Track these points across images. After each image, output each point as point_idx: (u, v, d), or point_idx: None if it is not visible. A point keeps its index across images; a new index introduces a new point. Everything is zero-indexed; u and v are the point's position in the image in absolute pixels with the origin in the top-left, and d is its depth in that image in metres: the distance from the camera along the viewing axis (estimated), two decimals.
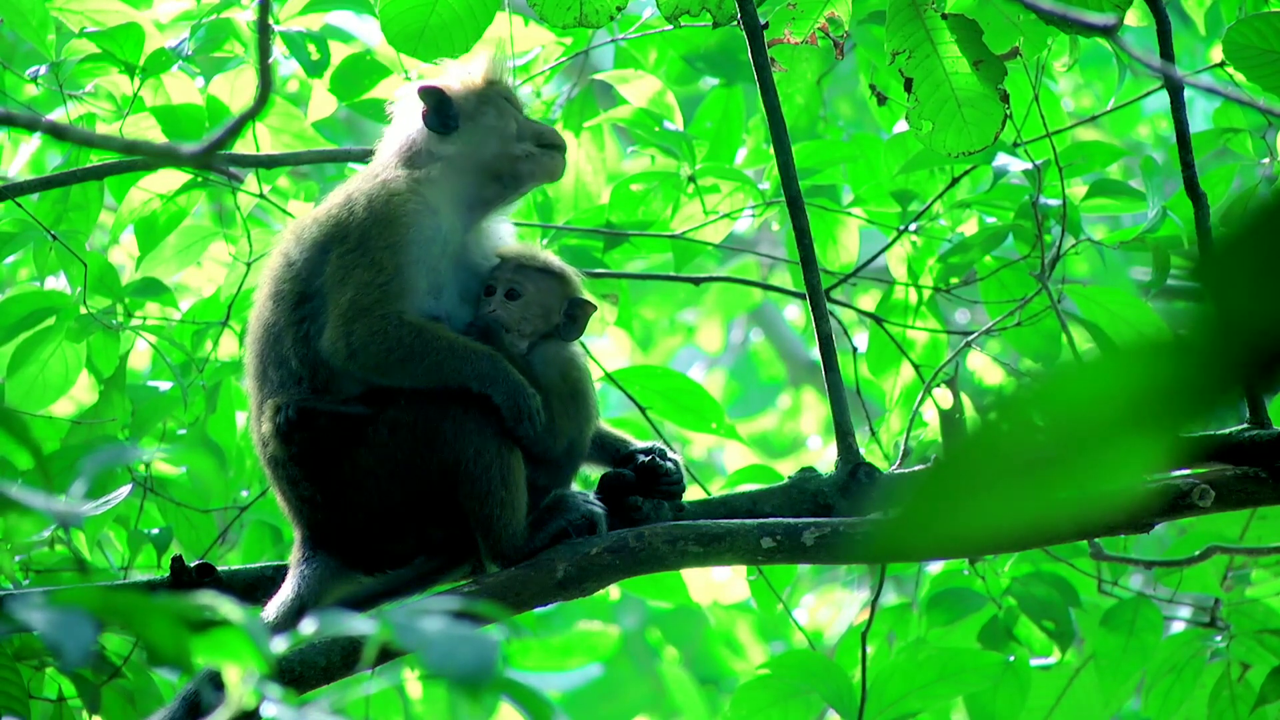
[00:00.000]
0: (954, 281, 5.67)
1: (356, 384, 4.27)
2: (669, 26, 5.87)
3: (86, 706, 4.44)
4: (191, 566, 4.22)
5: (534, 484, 4.27)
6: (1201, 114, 8.64)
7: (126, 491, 4.30)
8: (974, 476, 1.83)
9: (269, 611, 4.17)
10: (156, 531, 5.34)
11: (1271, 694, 4.79)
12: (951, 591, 5.47)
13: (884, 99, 5.16)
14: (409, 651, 2.50)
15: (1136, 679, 5.45)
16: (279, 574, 4.25)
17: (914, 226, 5.77)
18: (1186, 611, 5.63)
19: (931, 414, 5.43)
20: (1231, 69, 5.18)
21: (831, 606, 10.01)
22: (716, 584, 8.58)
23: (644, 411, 5.61)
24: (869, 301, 6.22)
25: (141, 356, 7.13)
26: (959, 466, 1.85)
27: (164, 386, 5.56)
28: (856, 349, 5.79)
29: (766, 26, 4.73)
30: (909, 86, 4.64)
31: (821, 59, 5.83)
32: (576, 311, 4.46)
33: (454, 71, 4.59)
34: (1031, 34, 4.64)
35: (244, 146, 5.44)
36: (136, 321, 5.44)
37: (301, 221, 4.44)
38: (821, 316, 4.46)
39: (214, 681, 3.85)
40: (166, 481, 5.49)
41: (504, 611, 4.11)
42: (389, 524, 4.23)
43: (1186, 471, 4.18)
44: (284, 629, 4.10)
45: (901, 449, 5.12)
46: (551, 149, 4.55)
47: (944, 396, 5.39)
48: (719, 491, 4.79)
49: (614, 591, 6.86)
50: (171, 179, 5.43)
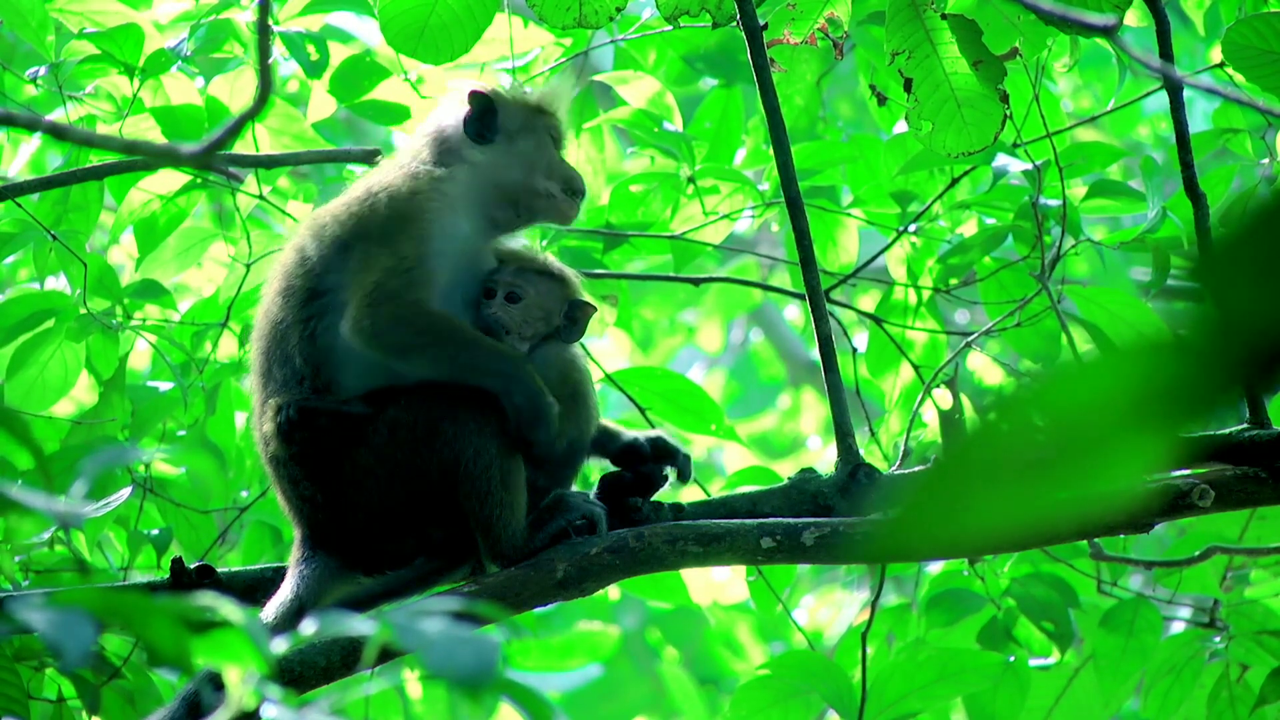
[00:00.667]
0: (953, 282, 5.67)
1: (360, 381, 4.25)
2: (668, 27, 5.87)
3: (86, 707, 4.44)
4: (191, 568, 4.22)
5: (534, 484, 4.27)
6: (1201, 114, 8.63)
7: (127, 493, 4.30)
8: (973, 477, 1.83)
9: (268, 612, 4.16)
10: (156, 532, 5.34)
11: (1271, 695, 4.79)
12: (951, 592, 5.47)
13: (884, 99, 5.16)
14: (409, 652, 2.50)
15: (1136, 679, 5.45)
16: (279, 575, 4.25)
17: (913, 227, 5.78)
18: (1186, 612, 5.63)
19: (931, 415, 5.44)
20: (1231, 69, 5.18)
21: (831, 607, 10.01)
22: (716, 584, 8.58)
23: (644, 412, 5.61)
24: (868, 302, 6.22)
25: (141, 357, 7.13)
26: (959, 467, 1.85)
27: (164, 387, 5.56)
28: (856, 350, 5.79)
29: (766, 27, 4.73)
30: (908, 87, 4.64)
31: (821, 60, 5.83)
32: (577, 313, 4.46)
33: (509, 84, 4.55)
34: (1031, 35, 4.64)
35: (244, 147, 5.44)
36: (136, 323, 5.44)
37: (319, 218, 4.40)
38: (821, 317, 4.46)
39: (213, 682, 3.85)
40: (166, 482, 5.49)
41: (504, 612, 4.10)
42: (389, 524, 4.23)
43: (1186, 471, 4.18)
44: (283, 629, 4.10)
45: (901, 450, 5.12)
46: (574, 196, 4.53)
47: (943, 397, 5.39)
48: (719, 493, 4.79)
49: (614, 592, 6.86)
50: (171, 180, 5.43)
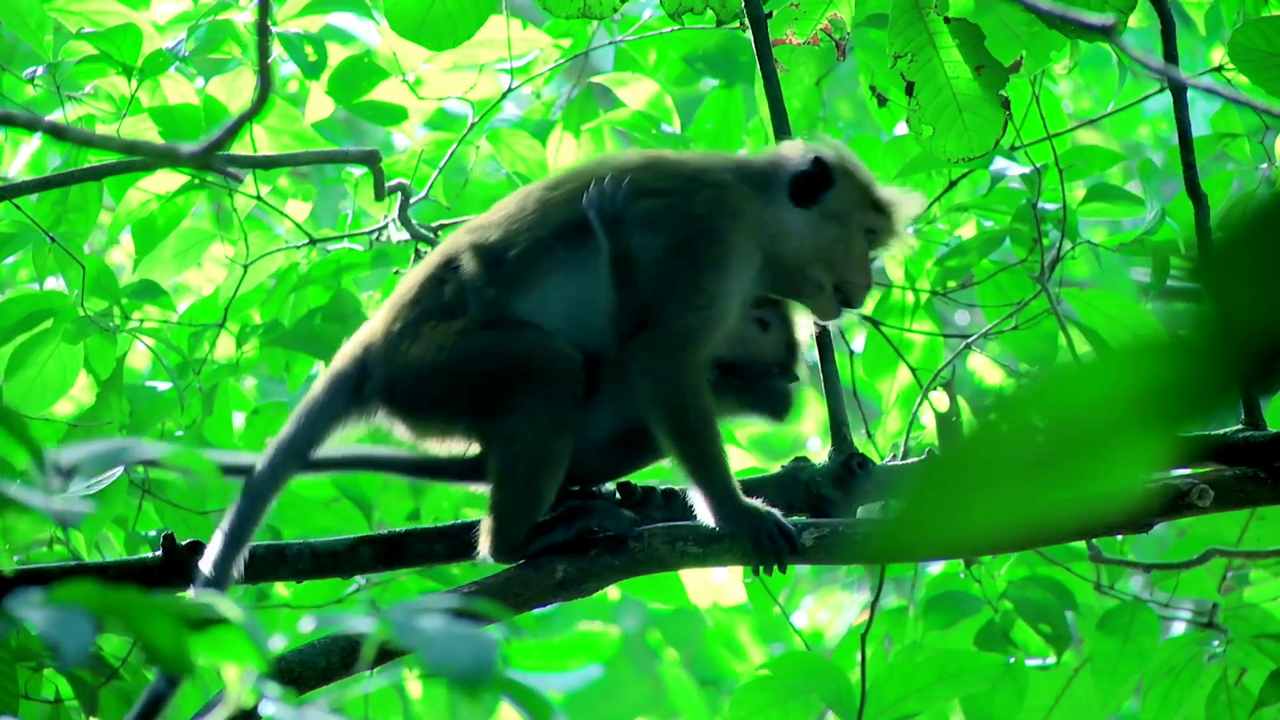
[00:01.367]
0: (951, 285, 5.67)
1: (538, 308, 4.08)
2: (668, 28, 5.88)
3: (84, 708, 4.44)
4: (183, 544, 4.21)
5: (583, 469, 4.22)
6: (1201, 115, 8.63)
7: (118, 473, 4.27)
8: (973, 477, 1.84)
9: (281, 436, 4.12)
10: (154, 533, 5.34)
11: (1270, 697, 4.79)
12: (948, 595, 5.47)
13: (884, 100, 5.16)
14: (408, 650, 2.50)
15: (1134, 682, 5.45)
16: (268, 551, 4.23)
17: (911, 229, 5.77)
18: (1184, 615, 5.63)
19: (929, 417, 5.43)
20: (1230, 72, 5.18)
21: (831, 608, 10.00)
22: (716, 585, 8.57)
23: None
24: (866, 305, 6.22)
25: (140, 357, 7.13)
26: (957, 467, 1.85)
27: (162, 388, 5.56)
28: (853, 352, 5.79)
29: (771, 16, 4.73)
30: (910, 90, 4.64)
31: (820, 61, 5.83)
32: (782, 387, 4.35)
33: (867, 174, 4.25)
34: (1034, 44, 4.64)
35: (242, 148, 5.44)
36: (134, 324, 5.44)
37: (625, 161, 4.18)
38: None
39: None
40: (165, 483, 5.49)
41: (504, 612, 4.10)
42: (432, 412, 4.15)
43: (1186, 471, 4.19)
44: (286, 451, 4.08)
45: (902, 450, 5.11)
46: (844, 303, 4.27)
47: (941, 400, 5.39)
48: None
49: (614, 592, 6.86)
50: (170, 180, 5.43)
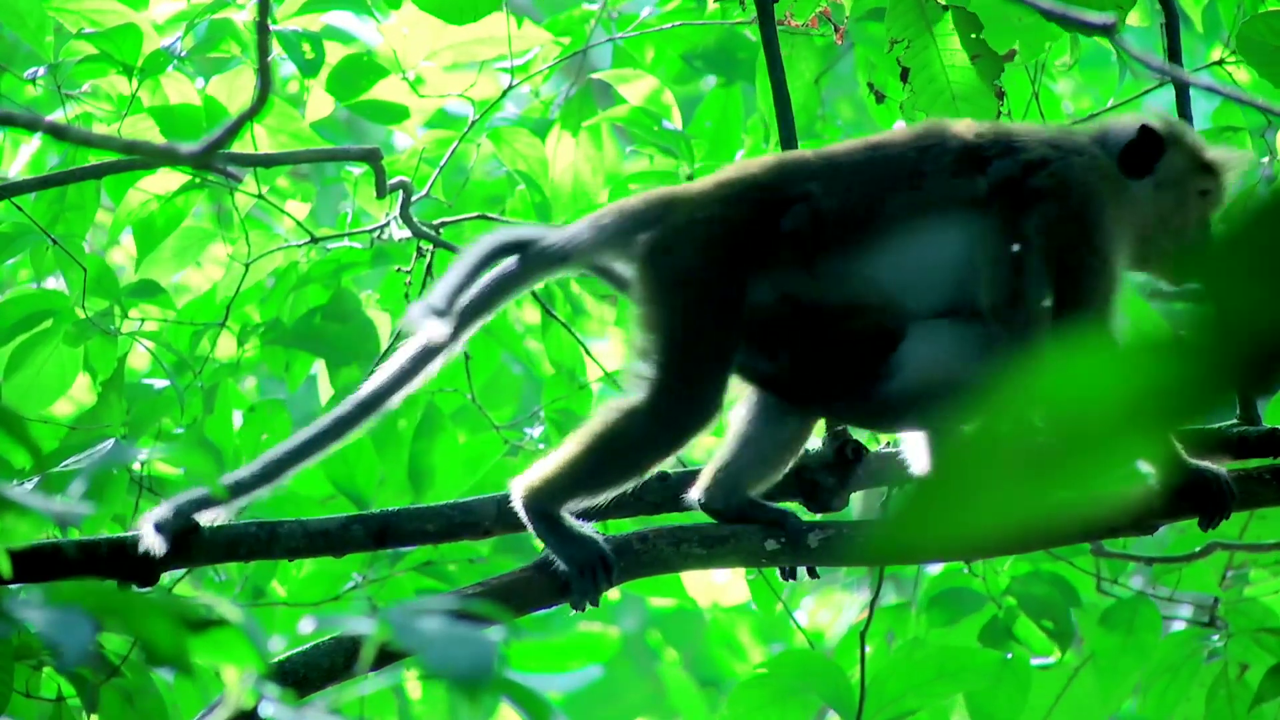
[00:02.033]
0: None
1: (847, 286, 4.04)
2: (667, 25, 5.87)
3: (85, 706, 4.44)
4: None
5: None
6: (1201, 115, 8.62)
7: (109, 446, 4.26)
8: (972, 477, 1.83)
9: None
10: None
11: (1269, 692, 4.79)
12: (951, 591, 5.46)
13: (882, 98, 5.16)
14: (407, 651, 2.49)
15: (1135, 678, 5.45)
16: (260, 530, 4.21)
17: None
18: (1186, 611, 5.63)
19: None
20: (1231, 68, 5.18)
21: (831, 609, 10.00)
22: (717, 586, 8.56)
23: None
24: None
25: (141, 356, 7.13)
26: (958, 467, 1.84)
27: (160, 386, 5.55)
28: None
29: (776, 2, 4.72)
30: (905, 77, 4.63)
31: (820, 57, 5.82)
32: None
33: (1195, 137, 4.14)
34: (1030, 36, 4.64)
35: (243, 147, 5.43)
36: (134, 322, 5.43)
37: (977, 128, 4.07)
38: None
39: None
40: (166, 481, 5.48)
41: (505, 614, 4.09)
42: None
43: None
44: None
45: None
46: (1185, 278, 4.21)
47: None
48: None
49: (614, 593, 6.86)
50: (170, 179, 5.42)
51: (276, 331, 5.55)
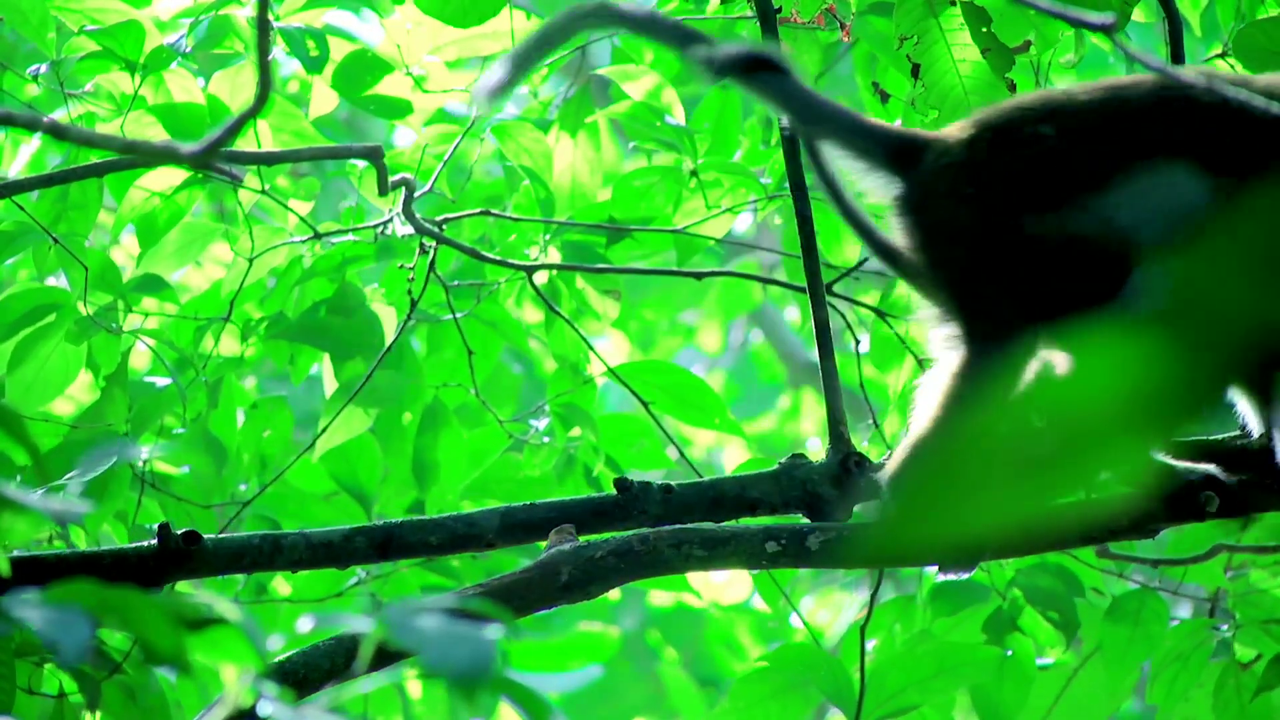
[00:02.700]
0: None
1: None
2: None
3: (87, 703, 4.44)
4: (178, 534, 4.21)
5: None
6: None
7: (117, 444, 4.26)
8: (972, 477, 1.83)
9: None
10: (155, 527, 5.33)
11: (1273, 680, 4.80)
12: (955, 583, 5.46)
13: (886, 97, 5.15)
14: (406, 650, 2.50)
15: (1139, 674, 5.45)
16: (264, 542, 4.22)
17: None
18: (1189, 605, 5.64)
19: None
20: (1229, 64, 5.19)
21: (830, 609, 10.01)
22: (716, 586, 8.58)
23: (646, 406, 5.60)
24: (871, 301, 6.21)
25: (143, 355, 7.14)
26: (958, 467, 1.85)
27: (162, 383, 5.55)
28: (859, 340, 5.74)
29: (779, 11, 4.72)
30: (916, 73, 4.63)
31: (823, 54, 5.82)
32: None
33: None
34: (1044, 27, 4.64)
35: (246, 145, 5.43)
36: (137, 318, 5.43)
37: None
38: (820, 303, 4.43)
39: None
40: (168, 478, 5.49)
41: (506, 613, 4.09)
42: None
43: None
44: None
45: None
46: None
47: None
48: None
49: (614, 592, 6.86)
50: (171, 177, 5.42)
51: (281, 325, 5.55)
